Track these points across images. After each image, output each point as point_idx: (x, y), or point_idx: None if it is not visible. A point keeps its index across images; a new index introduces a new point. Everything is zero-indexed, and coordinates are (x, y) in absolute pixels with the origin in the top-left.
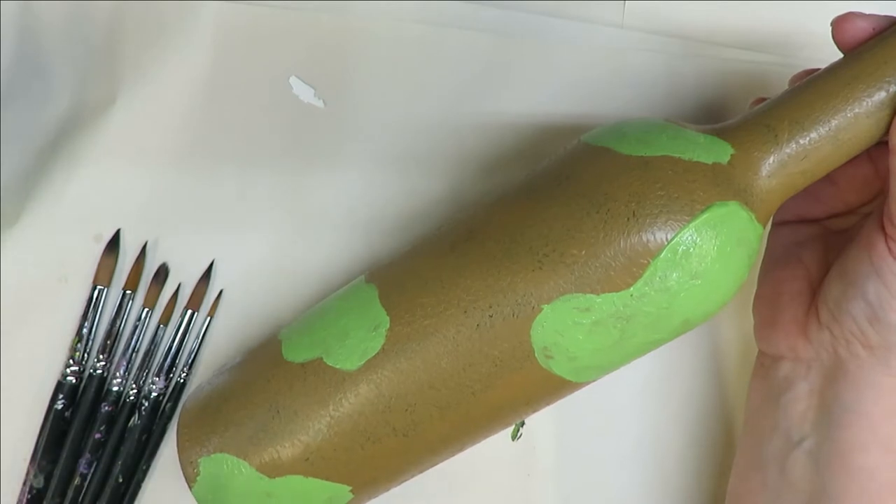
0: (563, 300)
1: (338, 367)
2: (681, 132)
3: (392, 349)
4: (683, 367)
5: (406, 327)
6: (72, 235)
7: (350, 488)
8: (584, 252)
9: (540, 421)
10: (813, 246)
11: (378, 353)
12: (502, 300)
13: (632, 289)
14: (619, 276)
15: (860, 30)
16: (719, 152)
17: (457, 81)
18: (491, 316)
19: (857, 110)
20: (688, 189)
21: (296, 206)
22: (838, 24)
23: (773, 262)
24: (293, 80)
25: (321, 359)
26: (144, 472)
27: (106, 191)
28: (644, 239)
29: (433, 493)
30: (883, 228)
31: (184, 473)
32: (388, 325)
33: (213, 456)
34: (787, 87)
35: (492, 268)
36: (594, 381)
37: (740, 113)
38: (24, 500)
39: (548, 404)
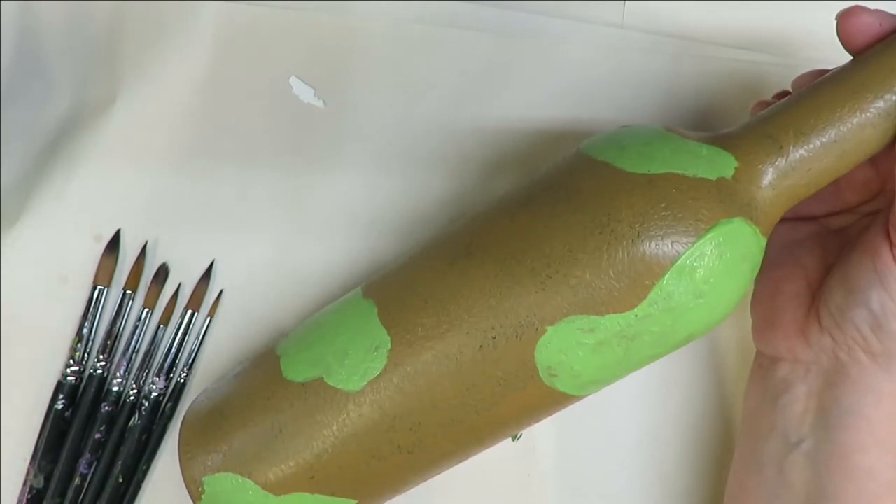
0: (566, 321)
1: (339, 387)
2: (683, 144)
3: (394, 370)
4: (682, 367)
5: (407, 348)
6: (72, 235)
7: (356, 502)
8: (587, 274)
9: (540, 422)
10: (810, 245)
11: (380, 375)
12: (505, 321)
13: (636, 310)
14: (624, 298)
15: (866, 25)
16: (723, 166)
17: (457, 81)
18: (494, 337)
19: (862, 121)
20: (693, 208)
21: (296, 206)
22: (843, 18)
23: (771, 262)
24: (293, 80)
25: (322, 379)
26: (144, 472)
27: (106, 191)
28: (648, 261)
29: (433, 493)
30: (888, 236)
31: (188, 491)
32: (389, 346)
33: (216, 475)
34: (788, 87)
35: (493, 288)
36: (596, 391)
37: (740, 114)
38: (24, 500)
39: (549, 416)
